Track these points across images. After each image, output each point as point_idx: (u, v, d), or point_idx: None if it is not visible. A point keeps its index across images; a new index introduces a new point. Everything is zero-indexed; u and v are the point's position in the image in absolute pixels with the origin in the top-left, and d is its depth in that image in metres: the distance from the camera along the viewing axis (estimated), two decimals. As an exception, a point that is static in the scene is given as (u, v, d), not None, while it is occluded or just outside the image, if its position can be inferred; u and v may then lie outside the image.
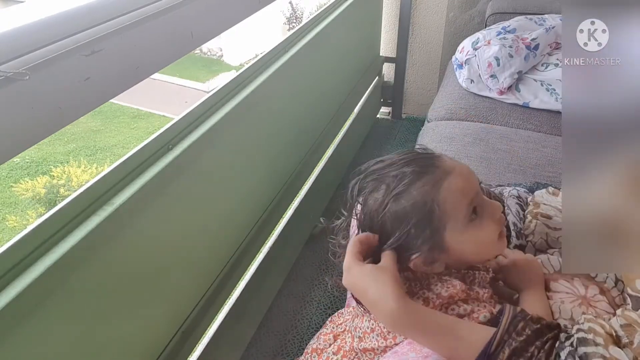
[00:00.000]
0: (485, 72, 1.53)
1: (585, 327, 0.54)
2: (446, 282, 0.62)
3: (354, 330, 0.67)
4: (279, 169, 1.27)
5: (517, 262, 0.69)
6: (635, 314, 0.55)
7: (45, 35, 0.57)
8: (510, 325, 0.54)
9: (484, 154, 1.28)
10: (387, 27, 2.14)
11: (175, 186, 0.81)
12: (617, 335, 0.53)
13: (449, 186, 0.61)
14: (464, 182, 0.62)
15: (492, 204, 0.64)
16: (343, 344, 0.72)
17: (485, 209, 0.63)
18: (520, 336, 0.52)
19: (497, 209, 0.64)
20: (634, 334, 0.53)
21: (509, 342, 0.52)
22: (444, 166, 0.63)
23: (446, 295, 0.60)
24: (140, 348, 0.80)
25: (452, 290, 0.60)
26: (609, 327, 0.54)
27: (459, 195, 0.61)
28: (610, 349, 0.51)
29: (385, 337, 0.63)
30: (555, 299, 0.65)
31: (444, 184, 0.61)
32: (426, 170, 0.62)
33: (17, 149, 0.55)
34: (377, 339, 0.63)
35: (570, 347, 0.52)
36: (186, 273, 0.90)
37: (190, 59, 9.72)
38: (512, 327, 0.53)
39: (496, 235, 0.63)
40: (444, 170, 0.62)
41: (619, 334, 0.53)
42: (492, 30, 1.64)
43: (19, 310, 0.55)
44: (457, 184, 0.61)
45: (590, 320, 0.55)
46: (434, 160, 0.64)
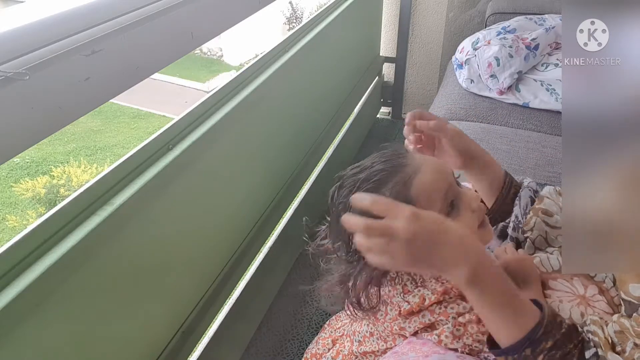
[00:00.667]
0: (485, 72, 1.53)
1: (592, 328, 0.54)
2: (440, 278, 0.62)
3: (353, 335, 0.67)
4: (279, 169, 1.27)
5: (509, 263, 0.69)
6: (627, 321, 0.55)
7: (45, 35, 0.57)
8: (552, 317, 0.53)
9: (484, 154, 1.28)
10: (387, 27, 2.14)
11: (175, 186, 0.81)
12: (613, 342, 0.54)
13: (420, 182, 0.61)
14: (435, 176, 0.62)
15: (468, 194, 0.64)
16: (342, 348, 0.72)
17: (461, 200, 0.63)
18: (560, 329, 0.52)
19: (473, 198, 0.63)
20: (626, 342, 0.53)
21: (553, 334, 0.51)
22: (413, 163, 0.63)
23: (441, 290, 0.61)
24: (140, 348, 0.80)
25: (447, 285, 0.61)
26: (607, 332, 0.54)
27: (431, 190, 0.61)
28: (609, 355, 0.51)
29: (385, 339, 0.63)
30: (554, 298, 0.65)
31: (415, 181, 0.61)
32: (396, 169, 0.62)
33: (17, 149, 0.55)
34: (377, 342, 0.63)
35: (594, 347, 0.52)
36: (186, 273, 0.90)
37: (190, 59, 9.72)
38: (553, 318, 0.53)
39: (475, 224, 0.63)
40: (414, 168, 0.62)
41: (614, 341, 0.53)
42: (492, 30, 1.64)
43: (19, 310, 0.55)
44: (428, 179, 0.61)
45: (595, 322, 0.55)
46: (403, 159, 0.63)
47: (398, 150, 0.67)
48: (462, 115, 1.53)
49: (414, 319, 0.63)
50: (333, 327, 0.78)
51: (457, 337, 0.60)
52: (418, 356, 0.56)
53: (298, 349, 1.22)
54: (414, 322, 0.62)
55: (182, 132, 0.83)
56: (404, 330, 0.62)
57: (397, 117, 2.32)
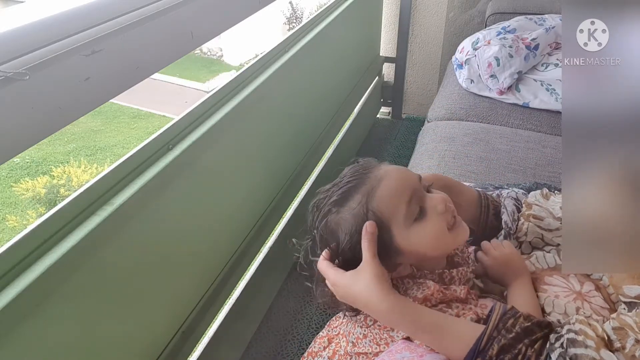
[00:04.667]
0: (485, 72, 1.53)
1: (576, 327, 0.54)
2: (421, 285, 0.63)
3: (348, 335, 0.67)
4: (279, 169, 1.27)
5: (497, 258, 0.70)
6: (630, 317, 0.54)
7: (45, 35, 0.57)
8: (499, 322, 0.55)
9: (484, 154, 1.28)
10: (387, 27, 2.14)
11: (175, 186, 0.81)
12: (610, 339, 0.53)
13: (381, 192, 0.63)
14: (396, 184, 0.64)
15: (433, 198, 0.65)
16: (338, 348, 0.72)
17: (427, 204, 0.64)
18: (509, 333, 0.53)
19: (439, 201, 0.64)
20: (626, 338, 0.52)
21: (498, 339, 0.53)
22: (377, 174, 0.65)
23: (421, 297, 0.61)
24: (140, 348, 0.80)
25: (427, 292, 0.61)
26: (601, 330, 0.54)
27: (393, 198, 0.63)
28: (601, 352, 0.51)
29: (377, 342, 0.63)
30: (550, 293, 0.65)
31: (377, 191, 0.63)
32: (360, 182, 0.65)
33: (17, 149, 0.55)
34: (370, 345, 0.64)
35: (560, 348, 0.52)
36: (186, 273, 0.90)
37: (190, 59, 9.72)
38: (501, 323, 0.54)
39: (444, 226, 0.64)
40: (377, 178, 0.64)
41: (611, 338, 0.53)
42: (492, 30, 1.64)
43: (19, 310, 0.55)
44: (390, 187, 0.63)
45: (582, 321, 0.55)
46: (368, 171, 0.66)
47: (367, 163, 0.69)
48: (462, 115, 1.53)
49: None
50: (331, 325, 0.78)
51: None
52: (413, 355, 0.56)
53: (298, 349, 1.22)
54: None
55: (182, 132, 0.83)
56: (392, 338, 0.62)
57: (397, 117, 2.32)
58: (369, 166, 0.67)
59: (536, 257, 0.71)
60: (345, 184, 0.65)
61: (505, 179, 1.19)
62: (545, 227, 0.73)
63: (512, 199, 0.78)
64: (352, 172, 0.67)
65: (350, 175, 0.67)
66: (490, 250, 0.71)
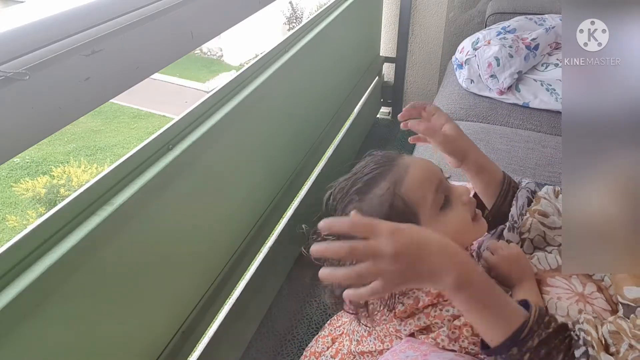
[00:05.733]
0: (485, 72, 1.53)
1: (585, 327, 0.54)
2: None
3: (352, 334, 0.67)
4: (279, 169, 1.27)
5: (504, 258, 0.70)
6: (625, 322, 0.55)
7: (45, 35, 0.57)
8: (539, 316, 0.53)
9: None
10: (387, 27, 2.14)
11: (175, 186, 0.81)
12: (606, 343, 0.53)
13: (410, 178, 0.64)
14: (424, 172, 0.65)
15: (458, 189, 0.67)
16: (341, 347, 0.72)
17: (453, 194, 0.66)
18: (547, 329, 0.52)
19: (464, 192, 0.66)
20: (621, 343, 0.52)
21: (539, 333, 0.52)
22: (402, 163, 0.66)
23: (435, 292, 0.61)
24: (140, 348, 0.80)
25: None
26: (600, 333, 0.54)
27: (421, 186, 0.64)
28: (601, 355, 0.51)
29: (382, 340, 0.63)
30: (552, 295, 0.65)
31: (405, 177, 0.64)
32: (386, 169, 0.65)
33: (17, 149, 0.55)
34: (374, 342, 0.64)
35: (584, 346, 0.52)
36: (186, 273, 0.90)
37: (190, 59, 9.73)
38: (540, 318, 0.53)
39: (468, 217, 0.65)
40: (404, 166, 0.65)
41: (607, 341, 0.53)
42: (492, 30, 1.64)
43: (19, 310, 0.55)
44: (418, 174, 0.65)
45: (589, 321, 0.55)
46: (392, 159, 0.67)
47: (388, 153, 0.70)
48: (462, 115, 1.53)
49: (410, 322, 0.63)
50: (333, 325, 0.78)
51: (453, 339, 0.60)
52: (416, 355, 0.56)
53: (298, 349, 1.22)
54: (410, 324, 0.63)
55: (182, 132, 0.83)
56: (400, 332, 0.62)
57: (397, 117, 2.32)
58: (392, 156, 0.68)
59: (537, 258, 0.71)
60: (370, 172, 0.66)
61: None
62: (548, 224, 0.73)
63: (527, 190, 0.78)
64: (376, 160, 0.68)
65: (375, 163, 0.67)
66: (498, 249, 0.71)
